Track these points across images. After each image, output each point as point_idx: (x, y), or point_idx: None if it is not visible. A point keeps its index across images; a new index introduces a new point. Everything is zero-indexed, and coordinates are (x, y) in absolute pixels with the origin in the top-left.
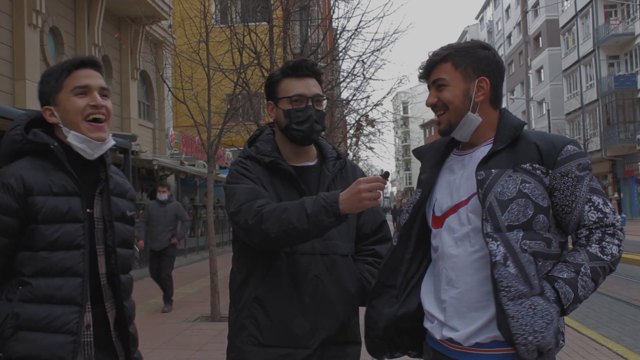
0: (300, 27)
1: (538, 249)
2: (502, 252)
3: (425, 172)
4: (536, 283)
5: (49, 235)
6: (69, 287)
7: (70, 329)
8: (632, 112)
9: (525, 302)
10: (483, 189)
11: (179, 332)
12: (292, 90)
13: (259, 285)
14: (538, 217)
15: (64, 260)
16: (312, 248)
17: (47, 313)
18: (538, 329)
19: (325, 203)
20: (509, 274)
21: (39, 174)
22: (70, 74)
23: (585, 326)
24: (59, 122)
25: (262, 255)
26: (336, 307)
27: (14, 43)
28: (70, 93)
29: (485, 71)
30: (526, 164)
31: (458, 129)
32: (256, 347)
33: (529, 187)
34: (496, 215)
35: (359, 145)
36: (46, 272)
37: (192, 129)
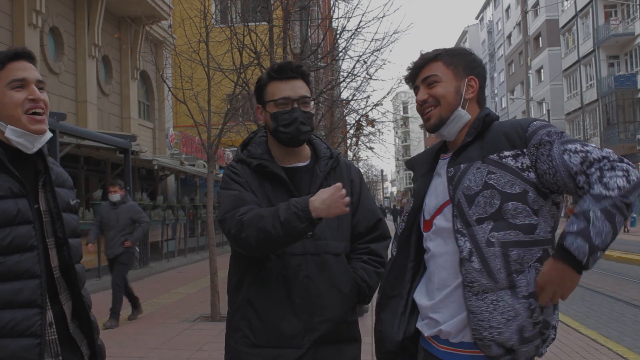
0: (300, 27)
1: (508, 239)
2: (467, 248)
3: (417, 180)
4: (502, 277)
5: (1, 240)
6: (28, 289)
7: (34, 331)
8: (632, 112)
9: (489, 297)
10: (452, 185)
11: (179, 332)
12: (278, 93)
13: (252, 287)
14: (506, 205)
15: (20, 264)
16: (302, 248)
17: (10, 318)
18: (495, 325)
19: (297, 209)
20: (473, 269)
21: None
22: (4, 66)
23: (585, 326)
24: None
25: (254, 258)
26: (328, 307)
27: (14, 43)
28: (7, 87)
29: (474, 72)
30: (493, 154)
31: (447, 125)
32: (250, 348)
33: (494, 178)
34: (464, 211)
35: (359, 145)
36: (3, 277)
37: (192, 129)
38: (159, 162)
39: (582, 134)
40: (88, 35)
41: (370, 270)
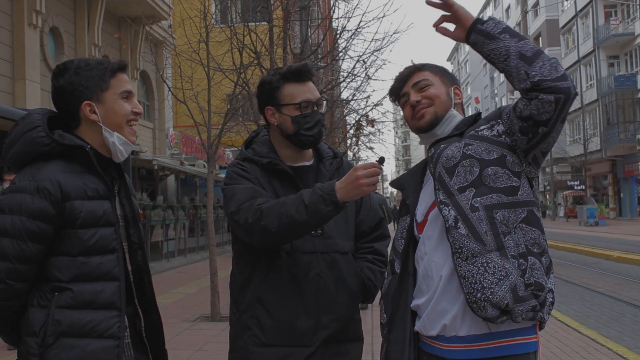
0: (300, 27)
1: (491, 202)
2: (452, 216)
3: (408, 197)
4: (489, 239)
5: (87, 240)
6: (108, 291)
7: (113, 333)
8: (632, 112)
9: (478, 260)
10: (433, 162)
11: (179, 332)
12: (299, 96)
13: (261, 286)
14: (486, 170)
15: (102, 265)
16: (312, 247)
17: (91, 318)
18: (487, 285)
19: (323, 192)
20: (460, 235)
21: (73, 178)
22: (114, 75)
23: (585, 326)
24: (99, 120)
25: (263, 256)
26: (338, 305)
27: (14, 43)
28: (118, 95)
29: (455, 81)
30: (470, 131)
31: (441, 124)
32: (260, 348)
33: (472, 148)
34: (445, 182)
35: (359, 145)
36: (85, 277)
37: (192, 129)
38: (159, 162)
39: (582, 134)
40: (88, 35)
41: (375, 270)
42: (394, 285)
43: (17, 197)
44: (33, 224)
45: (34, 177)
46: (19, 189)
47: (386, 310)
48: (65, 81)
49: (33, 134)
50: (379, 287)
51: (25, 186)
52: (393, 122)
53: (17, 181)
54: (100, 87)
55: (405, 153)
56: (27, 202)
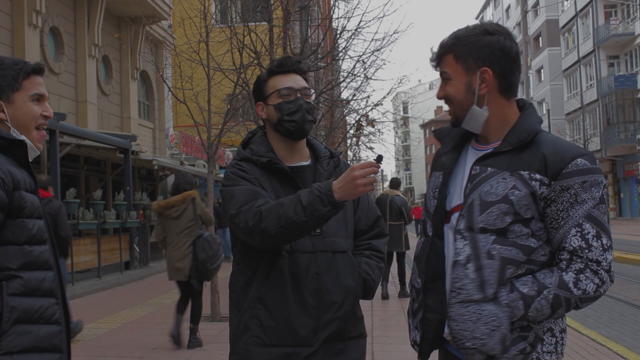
0: (300, 27)
1: (509, 255)
2: (466, 253)
3: (446, 154)
4: (491, 292)
5: (31, 229)
6: (48, 279)
7: (57, 319)
8: (632, 112)
9: (472, 307)
10: (472, 184)
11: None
12: (281, 85)
13: (262, 286)
14: (515, 226)
15: (42, 254)
16: (312, 246)
17: (40, 304)
18: (478, 336)
19: (320, 193)
20: (465, 276)
21: (15, 170)
22: (28, 77)
23: (585, 326)
24: (7, 120)
25: (263, 256)
26: (338, 304)
27: (14, 43)
28: (29, 97)
29: (488, 60)
30: (525, 171)
31: (465, 122)
32: (261, 348)
33: (517, 195)
34: (473, 214)
35: (359, 145)
36: (30, 265)
37: (192, 129)
38: (159, 162)
39: (582, 134)
40: (88, 35)
41: (373, 264)
42: (427, 248)
43: None
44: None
45: None
46: None
47: (420, 275)
48: None
49: None
50: (378, 281)
51: None
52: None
53: None
54: (11, 87)
55: (405, 153)
56: None
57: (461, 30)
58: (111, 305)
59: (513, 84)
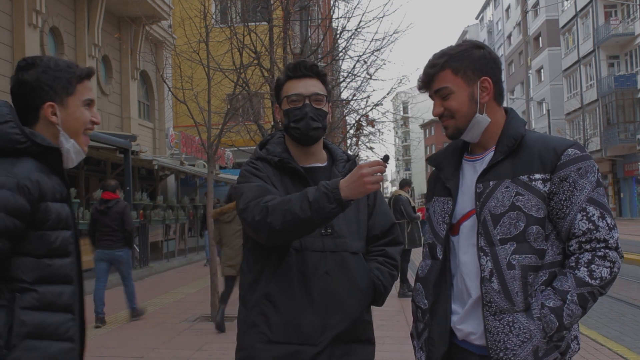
0: (300, 27)
1: (528, 262)
2: (489, 268)
3: (449, 179)
4: (519, 300)
5: (53, 242)
6: (66, 294)
7: (71, 336)
8: (632, 112)
9: (505, 318)
10: (480, 202)
11: (179, 332)
12: (291, 90)
13: (270, 283)
14: (531, 228)
15: (62, 268)
16: (322, 245)
17: (53, 320)
18: (510, 347)
19: (326, 190)
20: (492, 290)
21: (46, 178)
22: (81, 81)
23: (585, 326)
24: (59, 124)
25: (272, 253)
26: (346, 304)
27: (14, 43)
28: (82, 102)
29: (485, 70)
30: (524, 175)
31: (467, 132)
32: (266, 345)
33: (522, 200)
34: (489, 230)
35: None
36: (48, 279)
37: (192, 129)
38: (159, 162)
39: (582, 134)
40: (88, 35)
41: (385, 271)
42: (435, 271)
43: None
44: (11, 222)
45: (10, 172)
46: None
47: (427, 296)
48: (32, 77)
49: (6, 129)
50: (389, 288)
51: (4, 181)
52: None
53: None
54: (66, 90)
55: (405, 153)
56: (8, 198)
57: (449, 49)
58: (111, 305)
59: (503, 90)
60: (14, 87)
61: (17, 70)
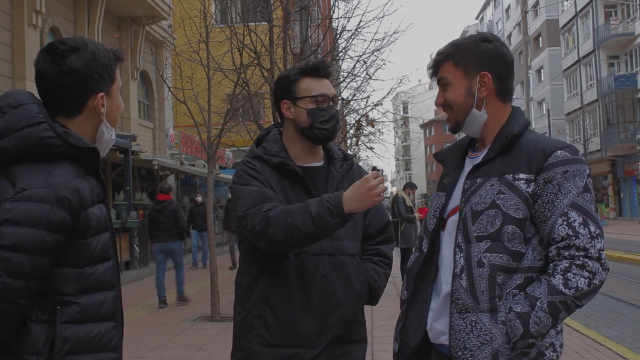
0: (300, 27)
1: (499, 262)
2: (461, 264)
3: (448, 175)
4: (484, 299)
5: (94, 249)
6: (108, 301)
7: (114, 345)
8: (632, 112)
9: (469, 317)
10: (464, 198)
11: (179, 332)
12: (315, 90)
13: (268, 286)
14: (506, 227)
15: (103, 274)
16: (320, 248)
17: (97, 332)
18: (469, 347)
19: (329, 204)
20: (461, 287)
21: (84, 183)
22: (117, 66)
23: (585, 326)
24: (103, 114)
25: (270, 256)
26: (344, 307)
27: (14, 43)
28: (117, 90)
29: (486, 65)
30: (509, 174)
31: (465, 127)
32: (264, 347)
33: (502, 198)
34: (467, 226)
35: (359, 145)
36: (90, 288)
37: (192, 129)
38: (159, 162)
39: (582, 134)
40: (88, 35)
41: (380, 271)
42: (419, 263)
43: (34, 208)
44: (52, 238)
45: (48, 183)
46: (35, 198)
47: (407, 288)
48: (80, 64)
49: (39, 132)
50: (384, 288)
51: (43, 195)
52: (393, 122)
53: (26, 187)
54: (110, 79)
55: (405, 153)
56: (48, 213)
57: (459, 39)
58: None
59: (509, 88)
60: (55, 75)
61: (58, 55)
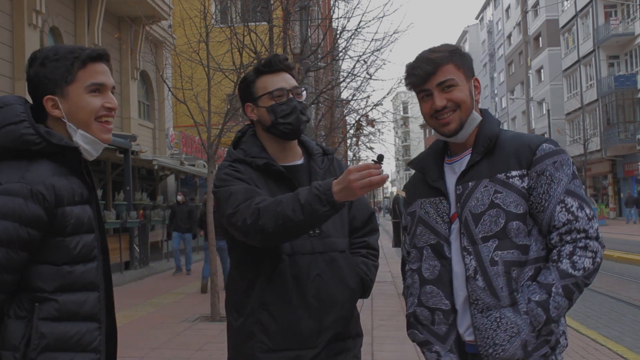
0: (300, 27)
1: (511, 258)
2: (473, 266)
3: (437, 180)
4: (504, 295)
5: (73, 248)
6: (90, 302)
7: (95, 346)
8: (632, 112)
9: (493, 314)
10: (460, 203)
11: (179, 332)
12: (272, 86)
13: (265, 290)
14: (511, 224)
15: (85, 274)
16: (311, 247)
17: (76, 331)
18: (499, 342)
19: (319, 192)
20: (478, 287)
21: (63, 181)
22: (85, 66)
23: (585, 326)
24: (64, 116)
25: (264, 259)
26: (339, 304)
27: (14, 43)
28: (85, 89)
29: (472, 72)
30: (501, 173)
31: (465, 128)
32: (266, 354)
33: (501, 197)
34: (470, 229)
35: (359, 145)
36: (69, 287)
37: (192, 129)
38: (159, 162)
39: (582, 134)
40: (88, 35)
41: (370, 264)
42: (448, 269)
43: (8, 201)
44: (25, 231)
45: (24, 178)
46: (10, 192)
47: (446, 297)
48: (33, 72)
49: (20, 130)
50: (374, 280)
51: (17, 189)
52: (393, 122)
53: (2, 181)
54: (65, 79)
55: (405, 153)
56: (21, 207)
57: (444, 46)
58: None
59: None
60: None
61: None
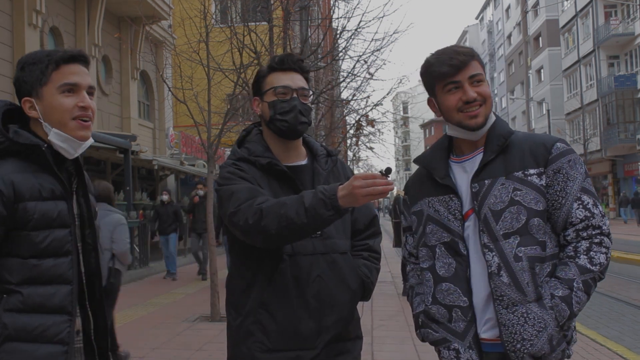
0: (300, 27)
1: (534, 254)
2: (496, 263)
3: (443, 178)
4: (530, 290)
5: (40, 242)
6: (59, 295)
7: (62, 338)
8: (632, 112)
9: (519, 310)
10: (478, 201)
11: (179, 332)
12: (278, 82)
13: (265, 290)
14: (532, 220)
15: (54, 268)
16: (312, 248)
17: (40, 323)
18: (527, 337)
19: (324, 196)
20: (502, 283)
21: (28, 178)
22: (58, 67)
23: (585, 326)
24: (40, 117)
25: (264, 259)
26: (339, 306)
27: (14, 43)
28: (57, 90)
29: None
30: (518, 171)
31: (486, 125)
32: (265, 353)
33: (521, 194)
34: (491, 226)
35: (359, 145)
36: (35, 280)
37: (192, 129)
38: (159, 162)
39: (582, 134)
40: (88, 35)
41: (372, 267)
42: (465, 267)
43: None
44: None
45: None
46: None
47: (464, 294)
48: (15, 76)
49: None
50: (375, 283)
51: None
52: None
53: None
54: (39, 81)
55: (405, 153)
56: None
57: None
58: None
59: None
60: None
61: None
